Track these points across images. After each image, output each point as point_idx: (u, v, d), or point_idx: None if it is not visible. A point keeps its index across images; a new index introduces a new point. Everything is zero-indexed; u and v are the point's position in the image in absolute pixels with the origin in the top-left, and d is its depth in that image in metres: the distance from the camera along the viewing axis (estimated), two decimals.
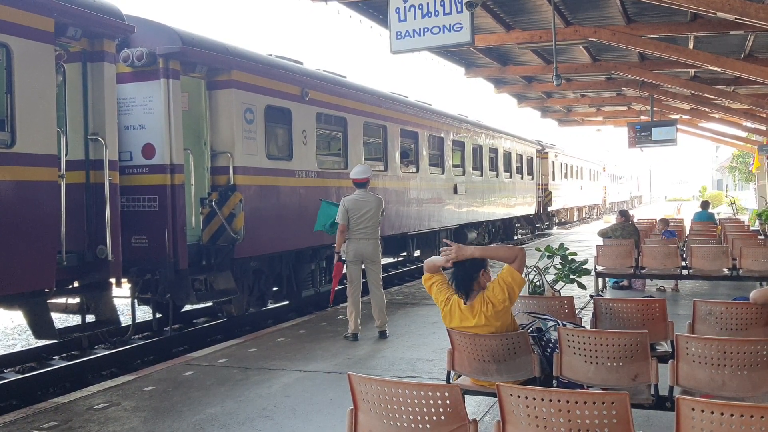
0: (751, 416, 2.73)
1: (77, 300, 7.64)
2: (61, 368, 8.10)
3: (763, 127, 23.58)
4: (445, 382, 4.81)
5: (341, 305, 11.29)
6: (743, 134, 28.62)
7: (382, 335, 8.45)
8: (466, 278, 4.52)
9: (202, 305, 10.52)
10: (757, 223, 23.72)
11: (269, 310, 11.43)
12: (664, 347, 5.44)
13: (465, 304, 4.51)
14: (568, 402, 2.97)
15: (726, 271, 10.21)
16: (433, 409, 3.20)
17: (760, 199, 29.53)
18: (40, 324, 7.06)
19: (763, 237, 16.20)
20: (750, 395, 4.11)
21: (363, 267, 8.51)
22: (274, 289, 11.04)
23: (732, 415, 2.76)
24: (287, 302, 11.46)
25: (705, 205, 19.02)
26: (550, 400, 2.99)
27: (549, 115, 25.35)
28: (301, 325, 9.51)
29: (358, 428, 3.42)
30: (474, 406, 5.42)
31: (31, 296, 6.73)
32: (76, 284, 7.50)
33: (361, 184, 8.52)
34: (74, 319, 8.30)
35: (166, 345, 9.39)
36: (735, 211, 33.97)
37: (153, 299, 8.88)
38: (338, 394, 6.04)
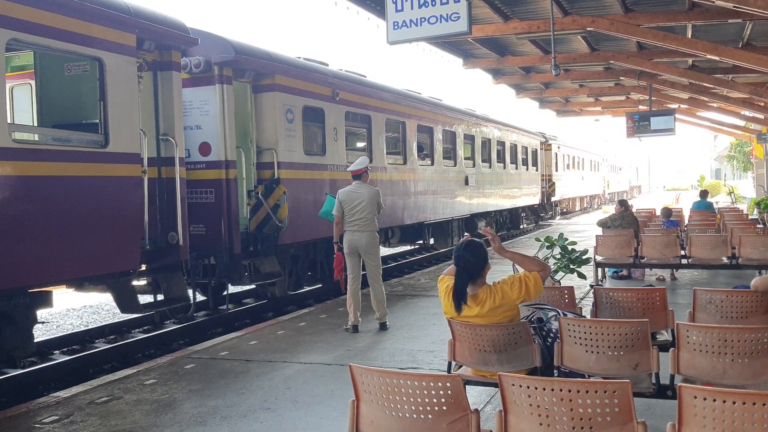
0: (753, 404, 2.73)
1: (147, 280, 8.67)
2: (62, 363, 8.10)
3: (761, 116, 23.54)
4: (446, 373, 4.82)
5: (341, 296, 11.31)
6: (741, 123, 28.57)
7: (383, 327, 8.46)
8: (477, 266, 4.54)
9: (245, 288, 11.66)
10: (755, 211, 23.74)
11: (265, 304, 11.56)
12: (665, 336, 5.44)
13: (467, 294, 4.54)
14: (570, 391, 2.97)
15: (725, 260, 10.22)
16: (434, 400, 3.20)
17: (759, 188, 29.54)
18: (126, 300, 8.03)
19: (761, 225, 16.22)
20: (751, 383, 4.12)
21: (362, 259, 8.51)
22: (309, 273, 11.93)
23: (734, 403, 2.77)
24: (320, 285, 12.23)
25: (704, 194, 19.04)
26: (552, 390, 2.99)
27: (547, 106, 25.31)
28: (302, 317, 9.52)
29: (359, 419, 3.42)
30: (475, 396, 5.43)
31: (120, 276, 7.56)
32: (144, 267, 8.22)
33: (357, 176, 8.55)
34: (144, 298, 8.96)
35: (167, 339, 9.40)
36: (733, 200, 34.01)
37: (208, 281, 10.03)
38: (339, 386, 6.04)
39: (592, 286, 9.26)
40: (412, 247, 18.79)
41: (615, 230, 11.84)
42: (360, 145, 13.54)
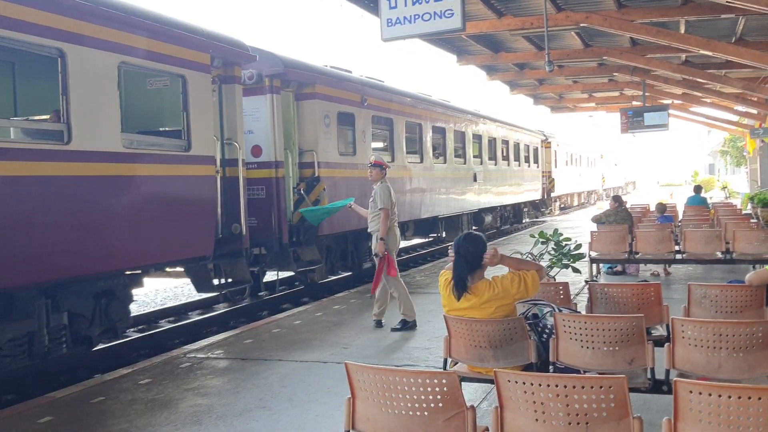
0: (749, 398, 2.74)
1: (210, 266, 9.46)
2: (55, 362, 8.05)
3: (754, 111, 23.59)
4: (441, 370, 4.82)
5: (337, 295, 11.31)
6: (735, 118, 28.62)
7: (378, 324, 8.45)
8: (476, 258, 4.64)
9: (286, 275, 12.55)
10: (749, 206, 23.79)
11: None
12: (659, 331, 5.45)
13: (467, 284, 4.60)
14: (566, 387, 2.97)
15: (719, 255, 10.25)
16: (431, 397, 3.20)
17: (752, 183, 29.61)
18: (202, 282, 9.34)
19: (755, 220, 16.26)
20: (746, 377, 4.13)
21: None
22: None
23: (730, 397, 2.77)
24: (350, 273, 13.56)
25: (698, 189, 19.08)
26: (548, 385, 2.99)
27: (541, 102, 25.30)
28: (297, 315, 9.51)
29: (356, 416, 3.42)
30: (470, 393, 5.42)
31: (199, 260, 8.69)
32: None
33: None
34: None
35: (161, 338, 9.38)
36: (727, 195, 34.09)
37: (258, 269, 11.13)
38: (335, 384, 6.03)
39: (587, 281, 9.27)
40: (427, 239, 20.24)
41: (609, 226, 11.85)
42: (383, 145, 14.61)
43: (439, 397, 3.18)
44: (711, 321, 4.35)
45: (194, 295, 12.42)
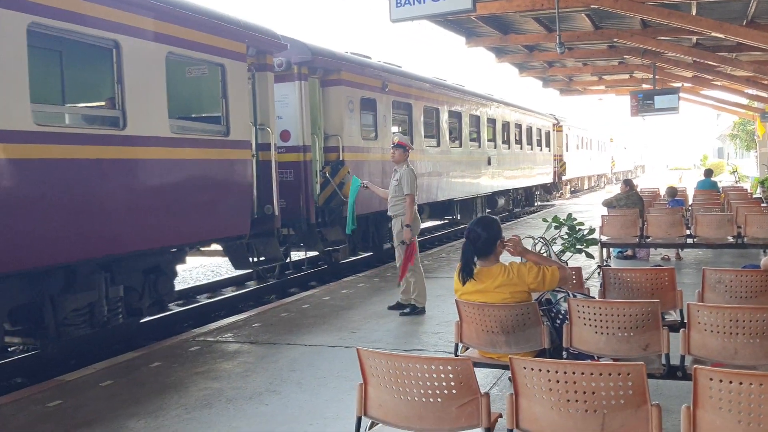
0: None
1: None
2: (64, 345, 8.06)
3: (765, 94, 23.34)
4: (452, 355, 4.78)
5: (344, 280, 11.29)
6: (745, 101, 28.37)
7: (398, 307, 8.36)
8: (490, 241, 4.54)
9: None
10: (759, 190, 23.62)
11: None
12: (673, 316, 5.39)
13: (476, 267, 4.55)
14: (583, 374, 2.91)
15: (731, 239, 10.15)
16: (444, 383, 3.15)
17: (762, 167, 29.40)
18: (239, 259, 9.98)
19: (766, 204, 16.12)
20: (763, 363, 4.07)
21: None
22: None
23: (751, 384, 2.72)
24: (371, 253, 14.10)
25: (708, 173, 18.92)
26: (565, 372, 2.94)
27: (550, 85, 25.08)
28: (305, 299, 9.49)
29: (368, 402, 3.38)
30: (481, 378, 5.35)
31: (237, 239, 9.28)
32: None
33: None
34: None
35: (171, 322, 9.36)
36: (737, 179, 33.87)
37: (286, 249, 11.45)
38: (344, 368, 6.01)
39: (599, 266, 9.19)
40: (442, 221, 20.57)
41: (620, 210, 11.76)
42: (403, 129, 14.90)
43: (452, 383, 3.14)
44: (727, 306, 4.28)
45: (203, 277, 12.42)
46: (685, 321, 4.36)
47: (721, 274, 5.40)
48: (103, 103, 8.13)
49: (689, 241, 10.43)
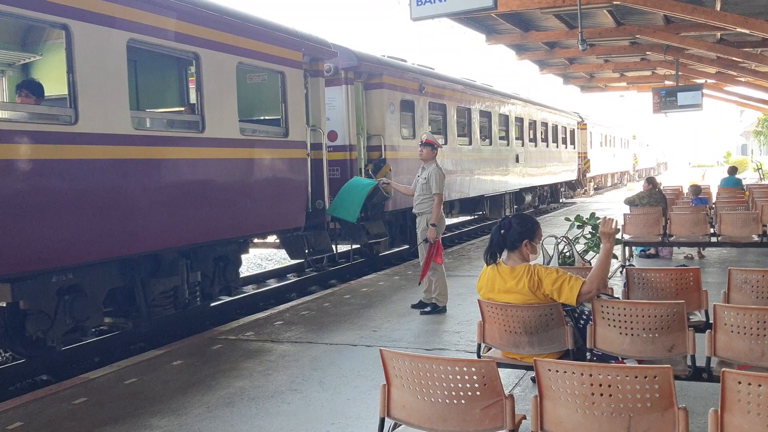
0: None
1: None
2: (89, 343, 8.15)
3: None
4: (474, 355, 4.76)
5: (364, 278, 11.29)
6: None
7: (420, 306, 8.38)
8: (516, 235, 4.55)
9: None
10: None
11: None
12: (698, 317, 5.33)
13: (501, 264, 4.55)
14: (609, 377, 2.88)
15: (756, 238, 10.01)
16: (468, 385, 3.14)
17: None
18: (296, 250, 10.86)
19: None
20: None
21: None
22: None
23: None
24: (407, 246, 14.41)
25: (732, 170, 18.67)
26: (591, 375, 2.91)
27: (571, 81, 24.97)
28: (325, 297, 9.51)
29: (391, 404, 3.37)
30: (504, 378, 5.31)
31: (294, 231, 10.13)
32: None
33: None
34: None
35: (191, 319, 9.42)
36: (761, 177, 33.44)
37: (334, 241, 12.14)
38: (365, 367, 6.00)
39: (623, 266, 9.11)
40: (472, 217, 21.49)
41: (643, 208, 11.64)
42: (438, 129, 15.45)
43: (476, 385, 3.12)
44: (755, 308, 4.21)
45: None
46: (711, 322, 4.31)
47: (747, 275, 5.31)
48: (182, 109, 9.04)
49: (713, 239, 10.30)
